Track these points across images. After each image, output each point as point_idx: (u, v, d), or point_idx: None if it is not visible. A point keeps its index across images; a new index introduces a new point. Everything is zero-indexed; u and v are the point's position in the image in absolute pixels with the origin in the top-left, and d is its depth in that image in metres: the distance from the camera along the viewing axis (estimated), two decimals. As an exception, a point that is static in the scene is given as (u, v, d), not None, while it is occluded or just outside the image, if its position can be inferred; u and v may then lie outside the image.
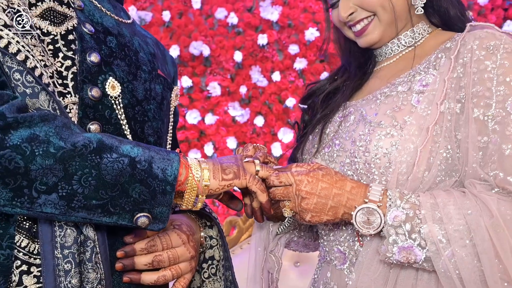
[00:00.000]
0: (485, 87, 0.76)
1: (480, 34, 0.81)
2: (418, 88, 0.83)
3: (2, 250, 0.67)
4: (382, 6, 0.89)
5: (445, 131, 0.79)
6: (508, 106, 0.74)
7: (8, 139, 0.59)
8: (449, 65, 0.81)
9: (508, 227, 0.68)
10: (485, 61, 0.78)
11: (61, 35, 0.76)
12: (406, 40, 0.95)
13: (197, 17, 3.17)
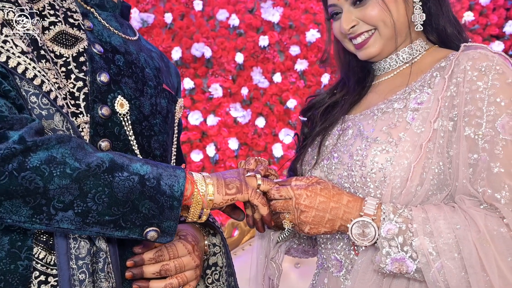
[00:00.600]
0: (476, 106, 0.81)
1: (473, 55, 0.85)
2: (413, 106, 0.88)
3: (21, 261, 0.72)
4: (384, 21, 0.94)
5: (438, 147, 0.83)
6: (498, 125, 0.79)
7: (28, 161, 0.64)
8: (443, 84, 0.86)
9: (494, 242, 0.72)
10: (477, 82, 0.82)
11: (72, 57, 0.81)
12: (404, 56, 0.99)
13: (198, 18, 3.19)
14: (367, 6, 0.94)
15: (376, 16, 0.94)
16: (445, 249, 0.75)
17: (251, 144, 3.12)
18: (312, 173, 1.00)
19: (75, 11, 0.86)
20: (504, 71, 0.82)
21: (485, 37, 3.12)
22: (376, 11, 0.93)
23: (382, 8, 0.93)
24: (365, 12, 0.94)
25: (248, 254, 2.11)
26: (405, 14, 0.95)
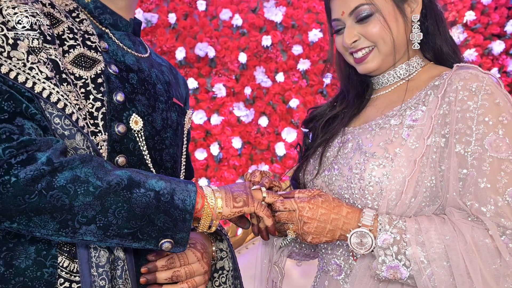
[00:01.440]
0: (466, 125, 0.87)
1: (464, 75, 0.91)
2: (409, 123, 0.94)
3: (46, 269, 0.80)
4: (383, 39, 1.00)
5: (431, 162, 0.90)
6: (486, 143, 0.85)
7: (56, 181, 0.72)
8: (436, 103, 0.92)
9: (479, 252, 0.79)
10: (467, 101, 0.88)
11: (91, 78, 0.87)
12: (401, 72, 1.06)
13: (202, 18, 3.25)
14: (369, 23, 1.00)
15: (377, 33, 1.00)
16: (436, 258, 0.82)
17: (254, 142, 3.18)
18: (314, 183, 1.07)
19: (92, 34, 0.93)
20: (493, 92, 0.88)
21: (486, 36, 3.17)
22: (377, 28, 1.00)
23: (383, 26, 0.99)
24: (367, 29, 1.01)
25: (251, 252, 2.19)
26: (404, 33, 1.02)
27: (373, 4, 0.99)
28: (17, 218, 0.71)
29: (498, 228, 0.81)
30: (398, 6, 1.01)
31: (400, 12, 1.01)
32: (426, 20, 1.05)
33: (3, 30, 0.78)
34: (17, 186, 0.69)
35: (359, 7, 1.00)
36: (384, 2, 1.00)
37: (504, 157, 0.84)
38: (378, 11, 0.99)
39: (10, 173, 0.70)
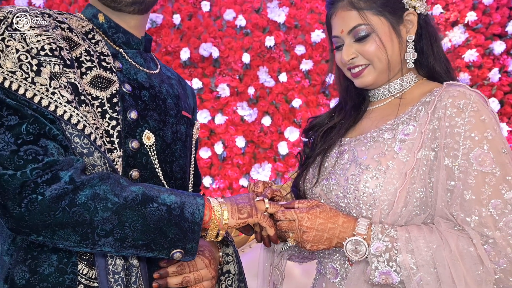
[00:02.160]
0: (454, 140, 0.95)
1: (453, 93, 0.99)
2: (401, 137, 1.02)
3: (67, 275, 0.88)
4: (379, 58, 1.08)
5: (421, 174, 0.98)
6: (471, 158, 0.93)
7: (77, 198, 0.80)
8: (427, 118, 1.00)
9: (463, 259, 0.87)
10: (456, 118, 0.96)
11: (107, 98, 0.95)
12: (395, 87, 1.13)
13: (206, 18, 3.29)
14: (366, 43, 1.08)
15: (373, 52, 1.07)
16: (424, 264, 0.90)
17: (258, 141, 3.23)
18: (313, 191, 1.15)
19: (107, 55, 1.00)
20: (479, 109, 0.95)
21: (487, 36, 3.20)
22: (373, 48, 1.07)
23: (379, 46, 1.07)
24: (364, 48, 1.08)
25: (255, 251, 2.27)
26: (399, 52, 1.09)
27: (370, 25, 1.06)
28: (43, 232, 0.79)
29: (481, 237, 0.89)
30: (394, 28, 1.08)
31: (396, 33, 1.08)
32: (421, 39, 1.12)
33: (28, 57, 0.85)
34: (43, 204, 0.77)
35: (357, 27, 1.07)
36: (381, 23, 1.07)
37: (488, 170, 0.91)
38: (375, 31, 1.07)
39: (37, 192, 0.78)
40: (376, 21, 1.07)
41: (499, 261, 0.87)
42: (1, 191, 0.77)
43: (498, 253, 0.87)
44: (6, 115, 0.82)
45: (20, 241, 0.89)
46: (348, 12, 1.09)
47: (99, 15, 1.07)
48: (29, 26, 0.88)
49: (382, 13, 1.08)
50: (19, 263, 0.88)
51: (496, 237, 0.87)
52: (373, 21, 1.07)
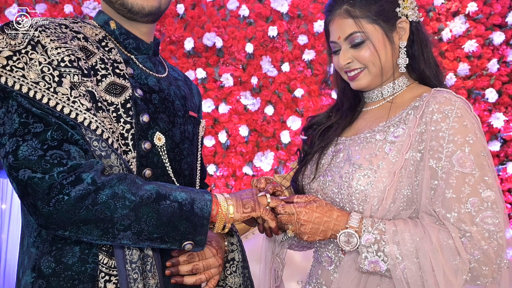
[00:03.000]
0: (438, 143, 1.05)
1: (440, 99, 1.08)
2: (391, 139, 1.12)
3: (89, 264, 0.99)
4: (373, 62, 1.17)
5: (408, 173, 1.08)
6: (454, 160, 1.02)
7: (99, 197, 0.90)
8: (415, 122, 1.09)
9: (442, 251, 0.98)
10: (441, 123, 1.05)
11: (121, 104, 1.05)
12: (388, 90, 1.22)
13: (209, 8, 3.35)
14: (361, 49, 1.17)
15: (367, 58, 1.17)
16: (408, 254, 1.00)
17: (260, 130, 3.32)
18: (310, 186, 1.25)
19: (119, 62, 1.09)
20: (462, 115, 1.05)
21: (488, 26, 3.26)
22: (368, 54, 1.16)
23: (373, 52, 1.16)
24: (359, 54, 1.17)
25: (257, 238, 2.40)
26: (391, 58, 1.18)
27: (364, 33, 1.15)
28: (69, 227, 0.90)
29: (459, 231, 0.99)
30: (387, 35, 1.17)
31: (389, 40, 1.17)
32: (413, 45, 1.21)
33: (50, 69, 0.95)
34: (69, 203, 0.88)
35: (353, 34, 1.16)
36: (375, 31, 1.16)
37: (468, 171, 1.01)
38: (369, 39, 1.15)
39: (63, 192, 0.88)
40: (370, 29, 1.16)
41: (474, 253, 0.98)
42: (31, 192, 0.88)
43: (473, 246, 0.98)
44: (32, 123, 0.92)
45: (45, 234, 0.99)
46: (345, 20, 1.17)
47: (111, 22, 1.15)
48: (50, 40, 0.97)
49: (376, 21, 1.16)
50: (45, 254, 0.99)
51: (473, 231, 0.98)
52: (367, 28, 1.16)
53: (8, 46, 0.95)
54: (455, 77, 3.19)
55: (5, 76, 0.92)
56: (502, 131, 3.19)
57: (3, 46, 0.94)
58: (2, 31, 0.96)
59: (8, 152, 0.90)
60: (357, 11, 1.16)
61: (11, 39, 0.95)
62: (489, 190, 1.00)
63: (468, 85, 3.22)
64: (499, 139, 3.21)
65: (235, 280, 1.24)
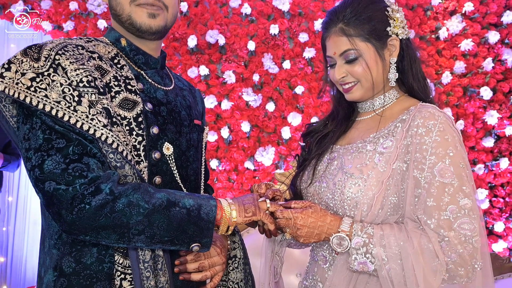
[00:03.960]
0: (422, 155, 1.15)
1: (424, 114, 1.18)
2: (380, 150, 1.22)
3: (105, 264, 1.10)
4: (365, 77, 1.27)
5: (395, 182, 1.18)
6: (435, 171, 1.13)
7: (116, 206, 1.01)
8: (402, 135, 1.20)
9: (423, 254, 1.09)
10: (425, 136, 1.16)
11: (133, 118, 1.15)
12: (379, 102, 1.33)
13: (212, 5, 3.41)
14: (354, 64, 1.26)
15: (360, 73, 1.26)
16: (393, 256, 1.11)
17: (262, 126, 3.39)
18: (307, 190, 1.36)
19: (131, 78, 1.20)
20: (444, 129, 1.15)
21: (484, 25, 3.33)
22: (361, 69, 1.26)
23: (365, 68, 1.25)
24: (353, 69, 1.27)
25: (257, 233, 2.51)
26: (382, 73, 1.28)
27: (358, 50, 1.25)
28: (89, 233, 1.01)
29: (438, 236, 1.10)
30: (379, 52, 1.26)
31: (380, 57, 1.26)
32: (403, 60, 1.30)
33: (70, 89, 1.05)
34: (90, 211, 0.99)
35: (347, 51, 1.26)
36: (367, 48, 1.26)
37: (448, 182, 1.12)
38: (362, 56, 1.25)
39: (85, 202, 0.99)
40: (363, 47, 1.25)
41: (451, 255, 1.09)
42: (56, 202, 0.98)
43: (451, 249, 1.09)
44: (55, 139, 1.02)
45: (65, 237, 1.10)
46: (340, 37, 1.27)
47: (122, 39, 1.25)
48: (69, 62, 1.07)
49: (369, 39, 1.26)
50: (66, 255, 1.09)
51: (450, 236, 1.09)
52: (360, 46, 1.25)
53: (32, 68, 1.04)
54: (451, 75, 3.27)
55: (30, 96, 1.02)
56: (496, 128, 3.28)
57: (26, 69, 1.04)
58: (26, 54, 1.06)
59: (34, 165, 1.01)
60: (351, 30, 1.26)
61: (34, 61, 1.05)
62: (466, 198, 1.11)
63: (464, 82, 3.31)
64: (493, 135, 3.31)
65: (237, 275, 1.36)
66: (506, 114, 3.28)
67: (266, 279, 1.41)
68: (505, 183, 3.33)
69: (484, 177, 3.31)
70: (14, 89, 1.02)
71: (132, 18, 1.21)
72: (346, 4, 1.29)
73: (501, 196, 3.32)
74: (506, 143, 3.31)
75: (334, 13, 1.30)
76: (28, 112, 1.05)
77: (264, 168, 3.38)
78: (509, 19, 3.25)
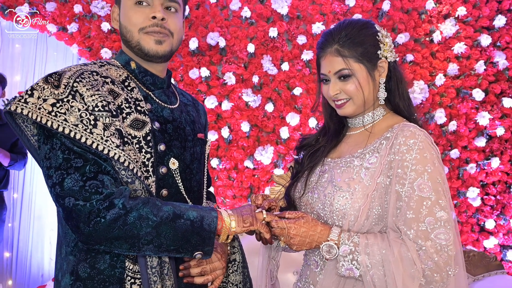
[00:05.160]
0: (403, 171, 1.27)
1: (406, 133, 1.30)
2: (366, 165, 1.34)
3: (117, 269, 1.22)
4: (357, 95, 1.38)
5: (379, 195, 1.30)
6: (415, 186, 1.25)
7: (128, 219, 1.13)
8: (385, 152, 1.31)
9: (402, 261, 1.21)
10: (406, 154, 1.27)
11: (142, 137, 1.26)
12: (368, 118, 1.44)
13: (213, 8, 3.51)
14: (347, 83, 1.38)
15: (352, 91, 1.38)
16: (376, 263, 1.24)
17: (261, 125, 3.50)
18: (301, 200, 1.49)
19: (140, 100, 1.31)
20: (423, 147, 1.27)
21: (476, 28, 3.44)
22: (353, 88, 1.37)
23: (358, 87, 1.37)
24: (346, 87, 1.38)
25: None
26: (372, 92, 1.39)
27: (351, 70, 1.36)
28: (104, 243, 1.13)
29: (416, 245, 1.22)
30: (370, 73, 1.37)
31: (371, 77, 1.38)
32: (390, 81, 1.42)
33: (86, 114, 1.16)
34: (105, 224, 1.11)
35: (341, 70, 1.37)
36: (360, 69, 1.37)
37: (426, 196, 1.24)
38: (355, 75, 1.36)
39: (100, 216, 1.11)
40: (356, 67, 1.37)
41: (428, 263, 1.21)
42: (75, 216, 1.11)
43: (427, 257, 1.21)
44: (74, 159, 1.14)
45: (81, 245, 1.21)
46: (335, 57, 1.38)
47: (132, 62, 1.37)
48: (86, 89, 1.18)
49: (361, 61, 1.37)
50: (82, 261, 1.22)
51: (427, 246, 1.21)
52: (354, 67, 1.37)
53: (52, 94, 1.16)
54: (444, 77, 3.38)
55: (51, 120, 1.14)
56: (488, 128, 3.40)
57: (47, 95, 1.15)
58: (47, 82, 1.17)
59: (55, 183, 1.13)
60: (345, 51, 1.37)
61: (54, 88, 1.17)
62: (442, 211, 1.23)
63: (457, 84, 3.41)
64: (485, 135, 3.43)
65: (236, 278, 1.48)
66: (497, 115, 3.39)
67: (263, 282, 1.53)
68: (496, 182, 3.45)
69: (476, 176, 3.43)
70: (37, 113, 1.14)
71: (141, 44, 1.32)
72: (342, 28, 1.40)
73: (493, 194, 3.45)
74: (498, 143, 3.43)
75: (330, 35, 1.41)
76: (49, 133, 1.16)
77: (263, 167, 3.50)
78: (500, 22, 3.35)
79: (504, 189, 3.44)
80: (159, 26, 1.32)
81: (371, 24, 1.43)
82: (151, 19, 1.31)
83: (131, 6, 1.33)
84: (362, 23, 1.42)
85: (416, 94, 3.29)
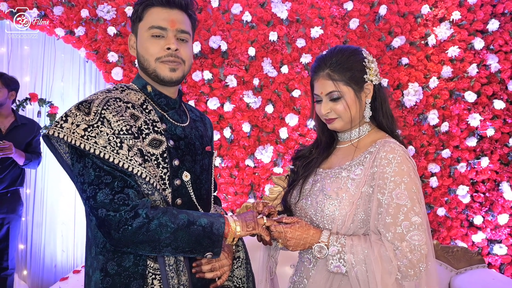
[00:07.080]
0: (384, 182, 1.53)
1: (386, 148, 1.55)
2: (353, 176, 1.60)
3: (140, 267, 1.48)
4: (345, 114, 1.63)
5: (363, 202, 1.56)
6: (393, 195, 1.50)
7: (151, 226, 1.39)
8: (369, 165, 1.57)
9: (382, 260, 1.47)
10: (386, 167, 1.53)
11: (159, 154, 1.52)
12: (355, 134, 1.70)
13: (215, 12, 3.70)
14: (337, 103, 1.63)
15: (341, 111, 1.63)
16: (359, 261, 1.50)
17: (261, 126, 3.71)
18: (296, 206, 1.75)
19: (157, 121, 1.56)
20: (401, 161, 1.52)
21: (471, 32, 3.65)
22: (342, 108, 1.62)
23: (346, 107, 1.62)
24: (335, 107, 1.63)
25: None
26: (359, 111, 1.64)
27: (340, 92, 1.61)
28: (130, 246, 1.39)
29: (393, 246, 1.49)
30: (357, 95, 1.63)
31: (358, 98, 1.63)
32: (375, 101, 1.67)
33: (113, 137, 1.42)
34: (131, 231, 1.37)
35: (332, 92, 1.62)
36: (348, 91, 1.62)
37: (403, 203, 1.50)
38: (343, 97, 1.61)
39: (127, 224, 1.36)
40: (345, 90, 1.62)
41: (403, 261, 1.47)
42: (107, 225, 1.36)
43: (402, 256, 1.47)
44: (103, 175, 1.39)
45: (109, 246, 1.48)
46: (326, 81, 1.63)
47: (148, 86, 1.62)
48: (112, 115, 1.43)
49: (349, 84, 1.62)
50: (110, 260, 1.48)
51: (403, 246, 1.47)
52: (343, 89, 1.61)
53: (84, 121, 1.41)
54: (437, 79, 3.61)
55: (84, 143, 1.39)
56: (479, 128, 3.64)
57: (80, 121, 1.41)
58: (79, 109, 1.42)
59: (89, 196, 1.38)
60: (335, 75, 1.62)
61: (85, 115, 1.42)
62: (417, 216, 1.49)
63: (450, 86, 3.65)
64: (476, 135, 3.67)
65: (240, 273, 1.75)
66: (488, 116, 3.63)
67: (263, 277, 1.81)
68: (486, 180, 3.70)
69: (466, 174, 3.68)
70: (71, 137, 1.39)
71: (157, 72, 1.57)
72: (332, 54, 1.65)
73: (482, 191, 3.70)
74: (488, 143, 3.67)
75: (323, 60, 1.66)
76: (81, 153, 1.42)
77: (263, 165, 3.73)
78: (494, 26, 3.56)
79: (493, 187, 3.69)
80: (173, 56, 1.56)
81: (359, 51, 1.68)
82: (166, 49, 1.55)
83: (148, 38, 1.57)
84: (351, 50, 1.67)
85: (411, 96, 3.52)
